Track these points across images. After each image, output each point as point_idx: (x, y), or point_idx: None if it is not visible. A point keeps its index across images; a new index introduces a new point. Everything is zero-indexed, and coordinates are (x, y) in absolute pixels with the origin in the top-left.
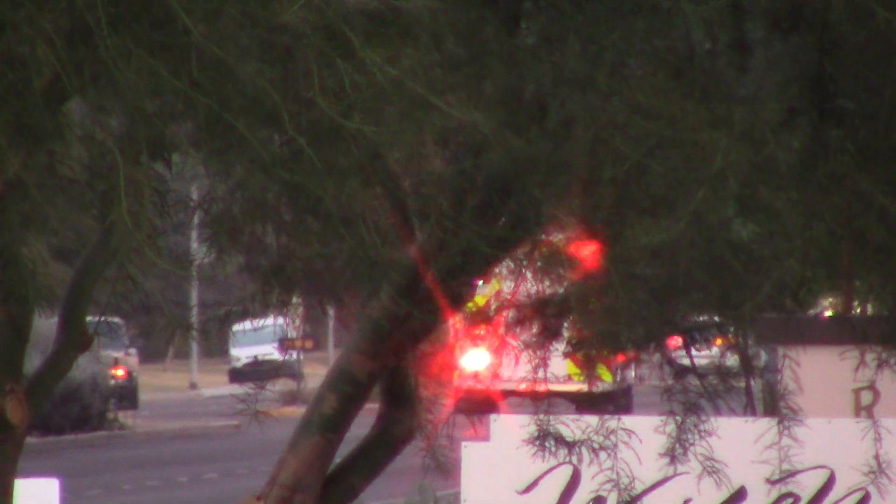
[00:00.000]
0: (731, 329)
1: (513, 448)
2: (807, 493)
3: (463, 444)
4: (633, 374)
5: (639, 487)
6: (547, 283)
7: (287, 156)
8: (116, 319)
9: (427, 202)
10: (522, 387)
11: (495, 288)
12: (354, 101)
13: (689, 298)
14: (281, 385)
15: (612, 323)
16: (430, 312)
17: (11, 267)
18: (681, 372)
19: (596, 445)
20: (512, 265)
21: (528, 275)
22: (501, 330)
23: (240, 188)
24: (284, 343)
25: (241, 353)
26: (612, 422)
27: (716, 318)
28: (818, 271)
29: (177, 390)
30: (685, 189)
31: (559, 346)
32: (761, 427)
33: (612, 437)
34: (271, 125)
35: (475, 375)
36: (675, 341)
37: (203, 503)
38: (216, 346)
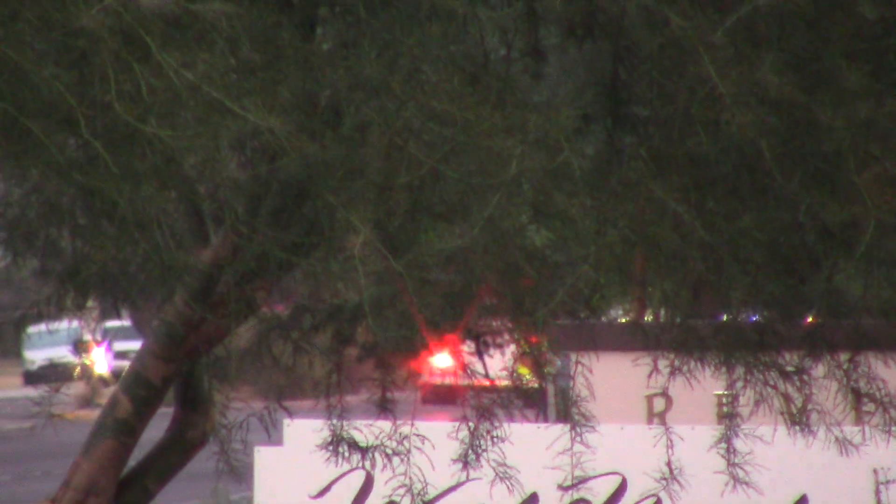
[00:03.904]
0: (525, 335)
1: (306, 453)
2: (599, 498)
3: (256, 448)
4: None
5: (432, 493)
6: (341, 287)
7: (83, 160)
8: None
9: (222, 207)
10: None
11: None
12: (150, 106)
13: (482, 304)
14: (76, 388)
15: (406, 328)
16: (223, 317)
17: None
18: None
19: (389, 451)
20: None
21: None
22: (295, 335)
23: (35, 192)
24: (79, 346)
25: (36, 356)
26: (405, 427)
27: (509, 324)
28: (611, 278)
29: None
30: (480, 195)
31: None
32: (554, 433)
33: (406, 443)
34: (67, 129)
35: (439, 370)
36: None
37: None
38: (10, 348)
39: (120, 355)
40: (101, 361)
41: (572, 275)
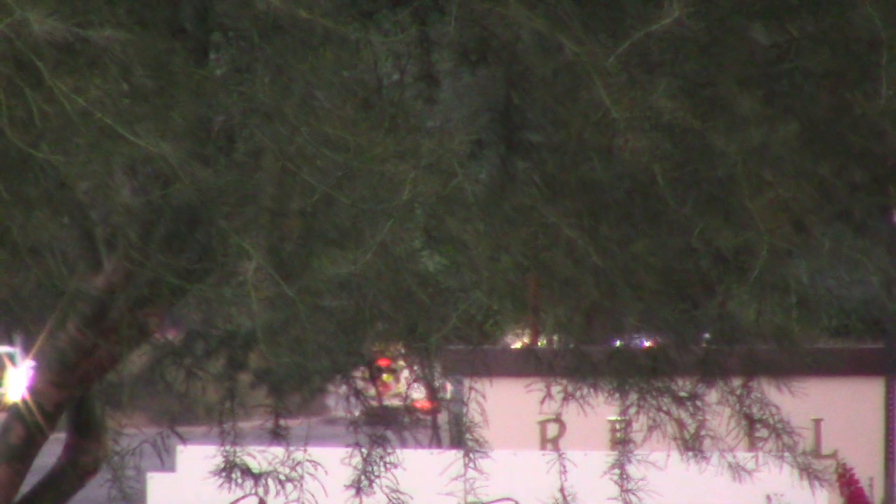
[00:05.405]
0: (418, 360)
1: (199, 479)
2: None
3: (149, 474)
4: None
5: None
6: (234, 313)
7: None
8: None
9: (115, 233)
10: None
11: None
12: (43, 131)
13: (375, 330)
14: None
15: (299, 355)
16: (116, 343)
17: None
18: (367, 404)
19: (282, 477)
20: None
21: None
22: (188, 361)
23: None
24: None
25: None
26: (298, 453)
27: (402, 350)
28: (504, 303)
29: None
30: (372, 220)
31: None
32: (447, 459)
33: (299, 469)
34: None
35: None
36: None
37: None
38: None
39: None
40: None
41: (465, 300)
